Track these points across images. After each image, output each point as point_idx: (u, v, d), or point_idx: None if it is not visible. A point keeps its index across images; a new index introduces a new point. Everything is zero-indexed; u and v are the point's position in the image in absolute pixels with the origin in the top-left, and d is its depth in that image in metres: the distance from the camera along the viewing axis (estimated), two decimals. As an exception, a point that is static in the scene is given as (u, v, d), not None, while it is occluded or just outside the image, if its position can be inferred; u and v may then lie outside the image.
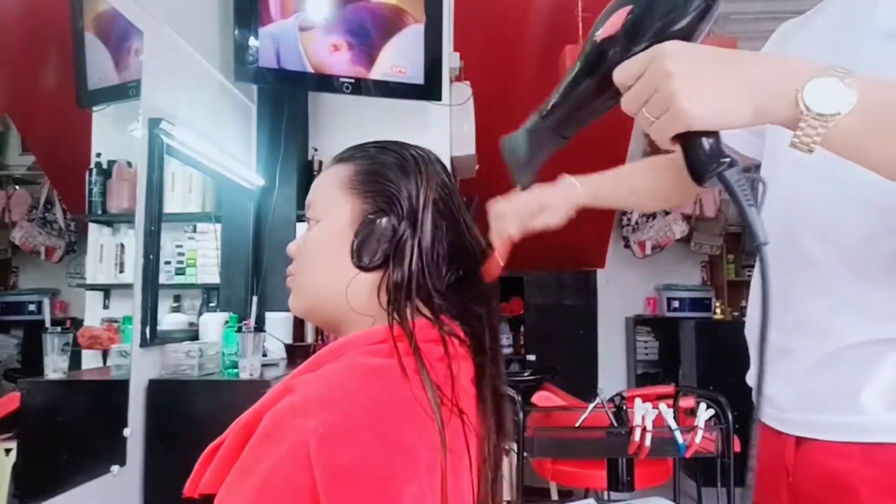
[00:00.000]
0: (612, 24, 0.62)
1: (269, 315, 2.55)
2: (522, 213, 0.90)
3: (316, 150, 2.88)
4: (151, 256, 1.87)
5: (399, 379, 0.63)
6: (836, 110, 0.54)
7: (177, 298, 2.45)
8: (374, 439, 0.59)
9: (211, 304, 2.57)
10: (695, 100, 0.55)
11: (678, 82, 0.55)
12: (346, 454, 0.57)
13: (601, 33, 0.63)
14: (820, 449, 0.81)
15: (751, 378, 0.96)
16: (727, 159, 0.57)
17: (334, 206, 0.74)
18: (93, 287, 1.84)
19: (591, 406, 2.18)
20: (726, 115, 0.56)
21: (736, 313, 5.02)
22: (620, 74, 0.60)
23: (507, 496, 2.11)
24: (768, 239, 0.55)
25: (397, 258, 0.70)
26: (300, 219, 2.75)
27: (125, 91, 1.86)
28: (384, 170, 0.74)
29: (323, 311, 0.75)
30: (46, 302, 1.70)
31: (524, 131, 0.74)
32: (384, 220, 0.71)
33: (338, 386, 0.63)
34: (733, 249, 5.13)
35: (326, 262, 0.74)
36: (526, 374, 4.26)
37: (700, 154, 0.57)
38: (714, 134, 0.57)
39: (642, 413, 2.04)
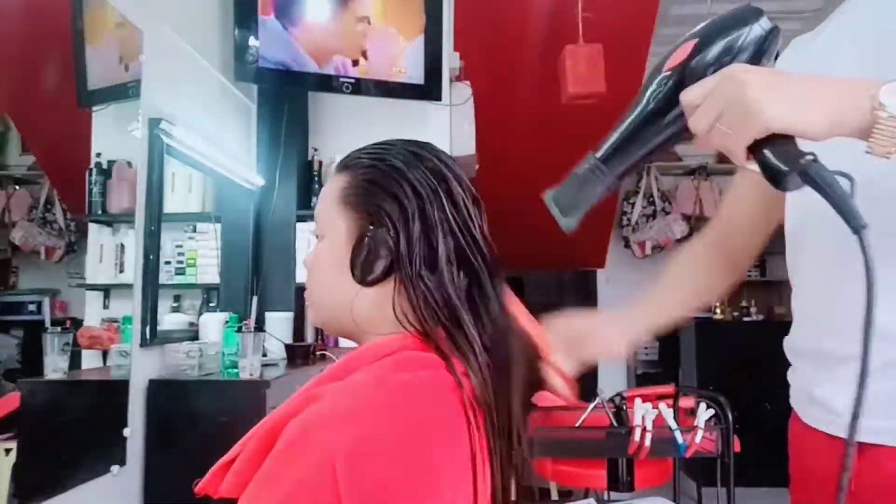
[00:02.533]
0: (679, 55, 0.63)
1: (269, 315, 2.55)
2: (567, 341, 0.87)
3: (316, 150, 2.88)
4: (151, 256, 1.87)
5: (429, 395, 0.64)
6: None
7: (177, 298, 2.45)
8: (401, 458, 0.58)
9: (211, 304, 2.57)
10: (772, 101, 0.56)
11: (753, 89, 0.56)
12: (373, 474, 0.57)
13: (668, 63, 0.64)
14: (888, 455, 0.78)
15: (794, 376, 0.93)
16: (809, 155, 0.56)
17: (333, 222, 0.74)
18: (93, 287, 1.84)
19: (591, 406, 2.18)
20: (803, 121, 0.57)
21: (736, 313, 5.02)
22: (688, 94, 0.61)
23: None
24: (866, 223, 0.54)
25: (401, 270, 0.69)
26: (300, 219, 2.75)
27: (125, 91, 1.86)
28: (375, 180, 0.72)
29: (337, 325, 0.76)
30: (46, 302, 1.70)
31: (577, 178, 0.71)
32: (379, 232, 0.70)
33: (366, 399, 0.63)
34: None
35: (330, 279, 0.74)
36: (526, 374, 4.25)
37: (779, 156, 0.57)
38: (789, 138, 0.57)
39: (642, 413, 2.04)
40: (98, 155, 1.82)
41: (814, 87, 0.59)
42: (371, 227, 0.70)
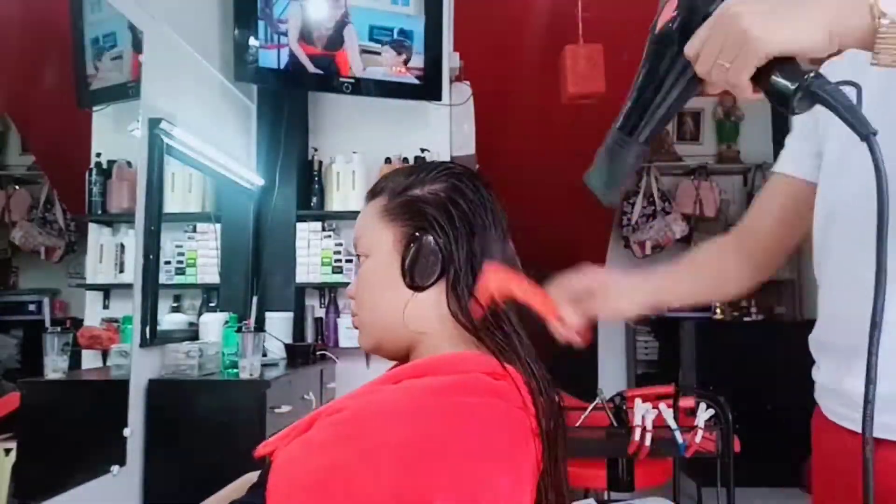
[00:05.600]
0: (667, 11, 0.63)
1: (268, 315, 2.55)
2: (572, 293, 0.88)
3: (316, 150, 2.88)
4: (151, 256, 1.87)
5: (489, 422, 0.64)
6: None
7: (177, 298, 2.45)
8: (447, 469, 0.59)
9: (211, 304, 2.57)
10: (768, 27, 0.56)
11: (748, 18, 0.56)
12: (414, 478, 0.57)
13: (659, 24, 0.64)
14: None
15: (820, 372, 0.92)
16: (811, 73, 0.56)
17: (377, 237, 0.75)
18: (93, 287, 1.84)
19: (591, 406, 2.18)
20: (800, 38, 0.56)
21: (736, 313, 5.02)
22: (690, 46, 0.61)
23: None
24: (875, 129, 0.54)
25: (450, 272, 0.71)
26: (300, 219, 2.75)
27: (125, 91, 1.86)
28: (412, 191, 0.74)
29: (393, 342, 0.76)
30: (46, 302, 1.70)
31: (604, 151, 0.72)
32: (427, 237, 0.71)
33: (423, 404, 0.64)
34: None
35: (382, 292, 0.75)
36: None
37: (782, 78, 0.57)
38: (791, 59, 0.57)
39: (642, 413, 2.04)
40: (98, 155, 1.82)
41: (808, 3, 0.58)
42: (418, 233, 0.72)
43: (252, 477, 0.75)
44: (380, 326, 0.76)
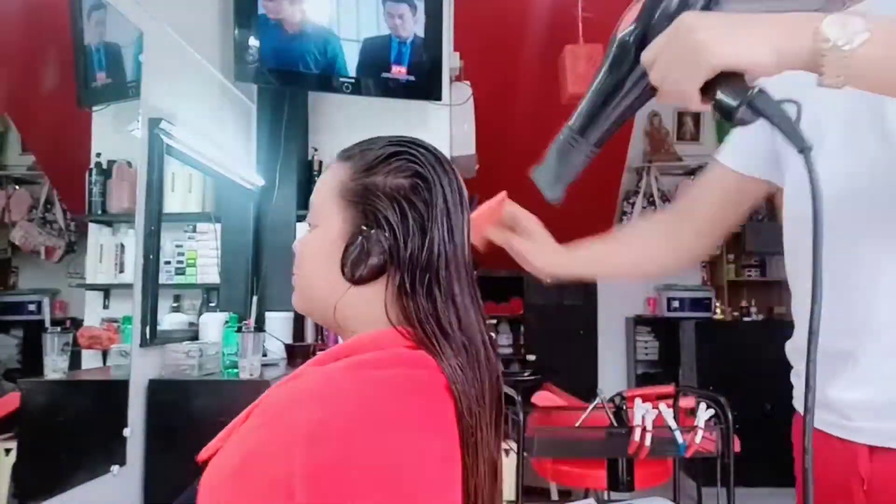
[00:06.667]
0: (629, 17, 0.66)
1: (269, 315, 2.55)
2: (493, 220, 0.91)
3: (316, 150, 2.88)
4: (151, 256, 1.87)
5: (407, 392, 0.64)
6: (855, 38, 0.56)
7: (177, 298, 2.45)
8: (358, 444, 0.59)
9: (211, 304, 2.57)
10: (718, 42, 0.58)
11: (701, 32, 0.58)
12: (328, 456, 0.57)
13: (621, 28, 0.66)
14: None
15: (798, 379, 0.93)
16: (755, 88, 0.58)
17: (328, 214, 0.74)
18: (93, 287, 1.84)
19: (591, 406, 2.18)
20: (747, 54, 0.58)
21: (736, 313, 5.02)
22: (647, 53, 0.62)
23: (509, 496, 2.12)
24: (812, 143, 0.56)
25: (394, 273, 0.70)
26: (300, 219, 2.75)
27: (125, 91, 1.86)
28: (375, 180, 0.72)
29: (321, 314, 0.77)
30: (46, 302, 1.70)
31: (555, 147, 0.74)
32: (374, 233, 0.70)
33: (338, 385, 0.64)
34: (733, 249, 5.13)
35: (317, 270, 0.74)
36: (526, 374, 4.25)
37: (728, 92, 0.59)
38: (739, 75, 0.59)
39: (642, 413, 2.04)
40: (98, 155, 1.82)
41: (761, 24, 0.60)
42: (366, 227, 0.71)
43: None
44: (310, 298, 0.76)
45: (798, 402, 0.93)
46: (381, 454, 0.58)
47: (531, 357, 5.01)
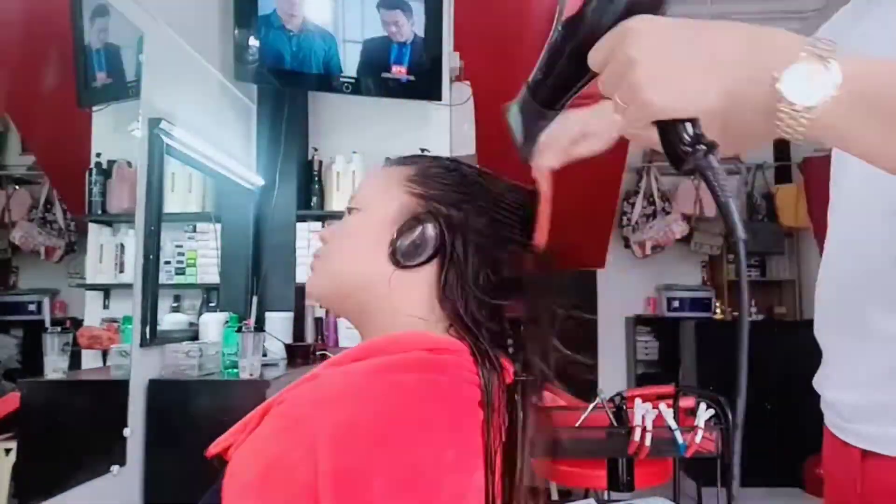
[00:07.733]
0: (573, 4, 0.58)
1: (269, 315, 2.55)
2: (563, 141, 0.84)
3: (316, 150, 2.88)
4: (151, 256, 1.87)
5: (430, 397, 0.64)
6: (816, 101, 0.48)
7: (177, 298, 2.45)
8: (382, 449, 0.58)
9: (211, 304, 2.57)
10: (659, 89, 0.50)
11: (640, 71, 0.50)
12: (352, 459, 0.57)
13: (565, 13, 0.59)
14: (887, 467, 0.75)
15: (817, 383, 0.91)
16: (704, 146, 0.51)
17: (382, 199, 0.74)
18: (93, 287, 1.84)
19: (591, 406, 2.18)
20: (695, 102, 0.51)
21: (736, 313, 5.01)
22: (592, 59, 0.55)
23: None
24: (745, 235, 0.52)
25: (445, 267, 0.71)
26: (300, 219, 2.75)
27: (125, 91, 1.86)
28: (448, 182, 0.73)
29: (348, 298, 0.75)
30: (46, 302, 1.70)
31: (516, 105, 0.69)
32: (431, 227, 0.71)
33: (359, 388, 0.63)
34: (733, 249, 5.13)
35: (361, 249, 0.73)
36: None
37: (675, 141, 0.52)
38: (691, 120, 0.52)
39: (642, 413, 2.04)
40: (98, 155, 1.82)
41: (716, 49, 0.51)
42: (424, 218, 0.71)
43: None
44: (342, 281, 0.74)
45: (817, 384, 0.92)
46: (404, 460, 0.58)
47: (531, 357, 5.00)
